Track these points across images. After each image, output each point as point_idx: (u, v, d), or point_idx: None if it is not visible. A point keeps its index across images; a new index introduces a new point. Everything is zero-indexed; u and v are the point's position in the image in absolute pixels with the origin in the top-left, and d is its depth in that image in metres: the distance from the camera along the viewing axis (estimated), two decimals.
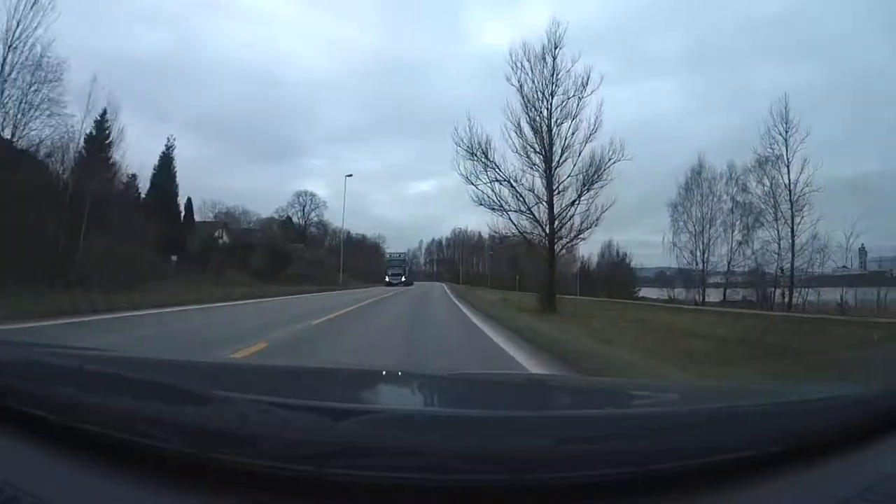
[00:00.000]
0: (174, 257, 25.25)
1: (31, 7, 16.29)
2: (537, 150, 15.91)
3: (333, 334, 8.16)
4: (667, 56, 67.42)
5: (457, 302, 20.57)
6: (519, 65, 16.01)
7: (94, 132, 20.26)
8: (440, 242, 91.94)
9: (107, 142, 21.05)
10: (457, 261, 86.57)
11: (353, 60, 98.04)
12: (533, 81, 16.01)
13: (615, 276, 43.12)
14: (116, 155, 21.49)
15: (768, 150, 25.96)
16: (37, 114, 16.78)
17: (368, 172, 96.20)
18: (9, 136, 16.37)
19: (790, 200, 25.48)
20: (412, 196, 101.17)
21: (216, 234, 39.15)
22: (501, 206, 16.21)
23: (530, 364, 5.58)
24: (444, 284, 56.18)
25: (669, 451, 0.73)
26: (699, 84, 65.21)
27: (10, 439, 0.74)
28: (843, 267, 28.04)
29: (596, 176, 15.67)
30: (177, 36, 67.72)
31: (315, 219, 61.25)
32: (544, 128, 15.91)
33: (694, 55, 65.96)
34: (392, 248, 70.90)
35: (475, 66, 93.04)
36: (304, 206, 61.13)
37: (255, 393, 0.88)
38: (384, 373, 1.66)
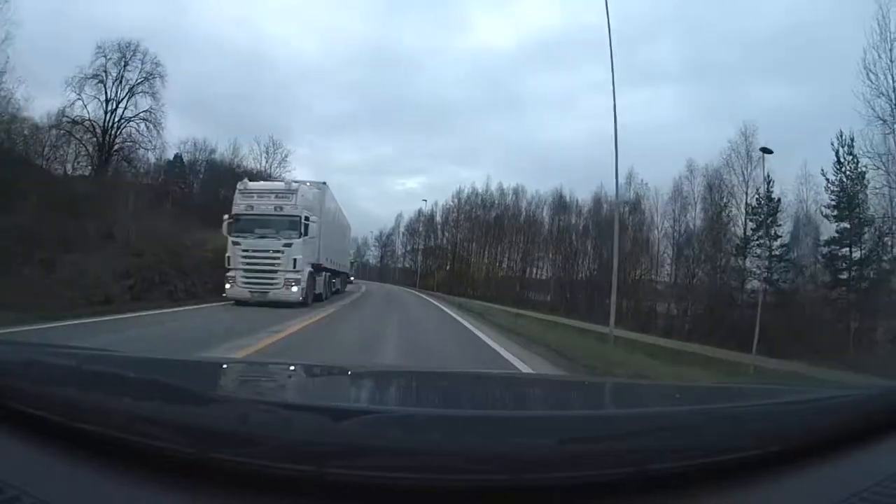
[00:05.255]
0: None
1: None
2: None
3: None
4: (664, 65, 64.92)
5: None
6: None
7: None
8: (431, 216, 52.52)
9: None
10: (459, 250, 48.31)
11: (343, 49, 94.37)
12: None
13: None
14: None
15: None
16: None
17: (354, 165, 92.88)
18: None
19: None
20: (399, 192, 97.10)
21: None
22: None
23: None
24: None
25: (669, 451, 0.73)
26: (694, 94, 62.84)
27: (10, 439, 0.74)
28: None
29: None
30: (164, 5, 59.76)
31: (142, 113, 28.12)
32: None
33: (691, 66, 63.27)
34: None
35: (468, 65, 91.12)
36: (119, 71, 27.57)
37: (255, 393, 0.88)
38: (384, 373, 1.66)
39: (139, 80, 29.26)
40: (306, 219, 12.53)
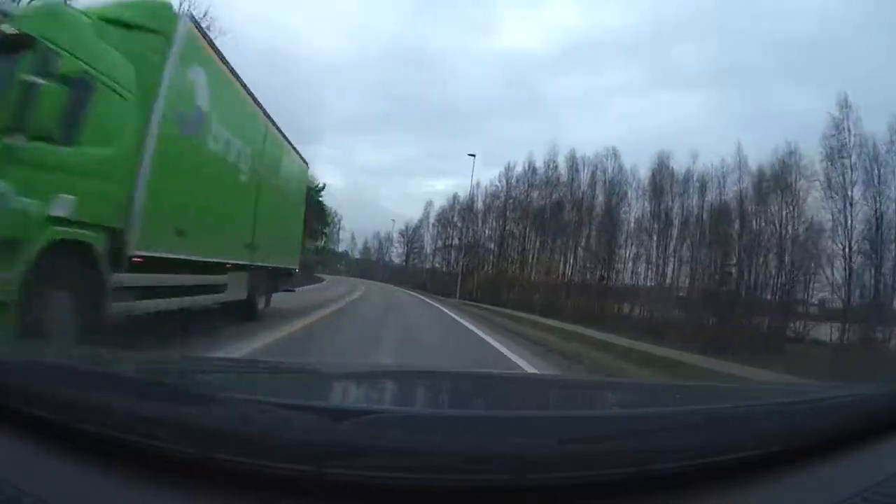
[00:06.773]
0: None
1: None
2: None
3: None
4: (691, 69, 62.50)
5: None
6: None
7: None
8: (470, 204, 39.47)
9: None
10: (507, 247, 35.24)
11: (368, 48, 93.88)
12: None
13: None
14: None
15: None
16: None
17: (378, 165, 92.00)
18: None
19: None
20: (425, 194, 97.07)
21: None
22: None
23: None
24: None
25: (669, 451, 0.73)
26: (721, 99, 60.42)
27: (10, 439, 0.74)
28: None
29: None
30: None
31: None
32: None
33: (719, 72, 60.78)
34: None
35: (495, 67, 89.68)
36: None
37: (255, 393, 0.88)
38: (385, 372, 1.66)
39: None
40: None
